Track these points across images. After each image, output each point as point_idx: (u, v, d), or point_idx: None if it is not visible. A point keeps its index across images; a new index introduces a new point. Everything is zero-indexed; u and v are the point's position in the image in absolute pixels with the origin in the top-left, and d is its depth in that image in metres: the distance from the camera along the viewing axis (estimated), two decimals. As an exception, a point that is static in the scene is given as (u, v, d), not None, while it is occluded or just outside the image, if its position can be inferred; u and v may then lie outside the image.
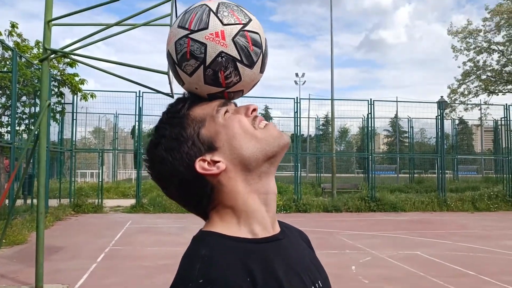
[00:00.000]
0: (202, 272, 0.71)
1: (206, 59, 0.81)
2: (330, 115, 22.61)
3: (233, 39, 0.81)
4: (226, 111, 0.84)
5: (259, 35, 0.85)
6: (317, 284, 0.82)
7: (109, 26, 5.79)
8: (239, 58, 0.82)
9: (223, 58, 0.81)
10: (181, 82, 0.87)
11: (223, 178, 0.80)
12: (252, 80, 0.87)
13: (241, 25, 0.82)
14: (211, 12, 0.82)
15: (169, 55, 0.85)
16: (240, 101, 0.93)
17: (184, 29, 0.82)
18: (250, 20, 0.84)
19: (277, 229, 0.86)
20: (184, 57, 0.82)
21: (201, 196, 0.82)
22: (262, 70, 0.88)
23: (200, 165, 0.80)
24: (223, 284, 0.69)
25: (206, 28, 0.80)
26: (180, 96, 0.90)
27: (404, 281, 6.90)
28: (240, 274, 0.72)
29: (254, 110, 0.85)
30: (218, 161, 0.80)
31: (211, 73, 0.82)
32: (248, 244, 0.78)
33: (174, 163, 0.81)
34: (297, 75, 45.72)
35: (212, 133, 0.82)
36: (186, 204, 0.87)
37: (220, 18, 0.81)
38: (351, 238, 10.61)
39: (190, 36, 0.81)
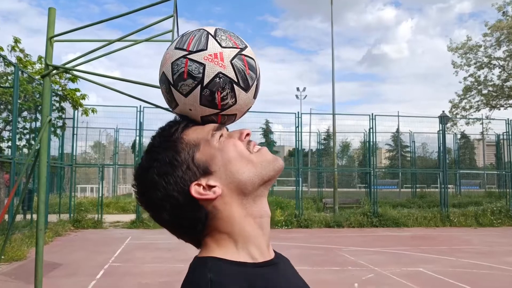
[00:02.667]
0: (214, 285, 0.70)
1: (204, 79, 0.81)
2: (331, 130, 22.65)
3: (231, 61, 0.82)
4: (221, 135, 0.83)
5: (254, 61, 0.87)
6: None
7: (111, 42, 5.79)
8: (236, 80, 0.82)
9: (221, 79, 0.81)
10: (174, 103, 0.86)
11: (219, 203, 0.79)
12: (246, 105, 0.87)
13: (239, 49, 0.84)
14: (210, 35, 0.83)
15: (163, 76, 0.85)
16: (237, 124, 0.93)
17: (182, 50, 0.82)
18: (246, 46, 0.86)
19: (272, 253, 0.84)
20: (181, 77, 0.82)
21: (194, 222, 0.80)
22: (255, 96, 0.89)
23: (195, 190, 0.78)
24: None
25: (205, 49, 0.81)
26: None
27: (408, 299, 6.79)
28: None
29: (248, 134, 0.84)
30: (214, 186, 0.78)
31: (208, 93, 0.81)
32: (251, 268, 0.76)
33: (168, 188, 0.78)
34: (298, 89, 45.79)
35: (207, 157, 0.80)
36: (178, 230, 0.84)
37: (219, 41, 0.83)
38: (354, 255, 10.49)
39: (189, 56, 0.81)
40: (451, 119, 26.34)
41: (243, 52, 0.84)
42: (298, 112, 18.48)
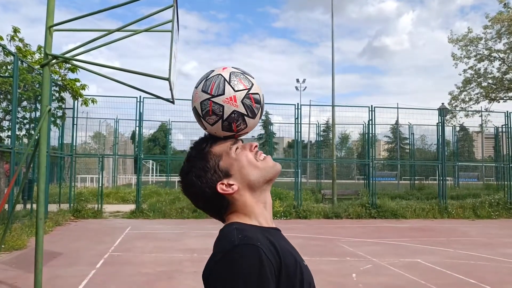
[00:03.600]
0: (239, 233, 1.03)
1: (223, 116, 1.15)
2: (330, 121, 22.61)
3: (242, 101, 1.15)
4: (237, 148, 1.18)
5: (259, 95, 1.20)
6: (303, 262, 1.11)
7: (110, 32, 5.77)
8: (246, 113, 1.17)
9: (235, 114, 1.15)
10: (203, 127, 1.21)
11: (236, 195, 1.14)
12: (254, 125, 1.22)
13: (247, 90, 1.17)
14: (226, 82, 1.15)
15: (195, 109, 1.20)
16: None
17: (206, 94, 1.16)
18: (252, 84, 1.18)
19: (275, 225, 1.19)
20: (207, 113, 1.16)
21: (220, 207, 1.17)
22: (260, 117, 1.23)
23: (220, 187, 1.14)
24: (256, 239, 1.01)
25: (223, 94, 1.14)
26: (181, 100, 1.22)
27: (405, 290, 6.84)
28: (265, 239, 1.04)
29: (256, 146, 1.20)
30: (233, 184, 1.14)
31: (227, 124, 1.16)
32: (261, 228, 1.11)
33: (202, 186, 1.15)
34: (298, 81, 45.64)
35: (227, 165, 1.16)
36: (210, 212, 1.21)
37: (232, 86, 1.15)
38: (352, 245, 10.56)
39: (212, 99, 1.15)
40: (451, 111, 26.31)
41: (250, 92, 1.17)
42: (298, 104, 18.42)
